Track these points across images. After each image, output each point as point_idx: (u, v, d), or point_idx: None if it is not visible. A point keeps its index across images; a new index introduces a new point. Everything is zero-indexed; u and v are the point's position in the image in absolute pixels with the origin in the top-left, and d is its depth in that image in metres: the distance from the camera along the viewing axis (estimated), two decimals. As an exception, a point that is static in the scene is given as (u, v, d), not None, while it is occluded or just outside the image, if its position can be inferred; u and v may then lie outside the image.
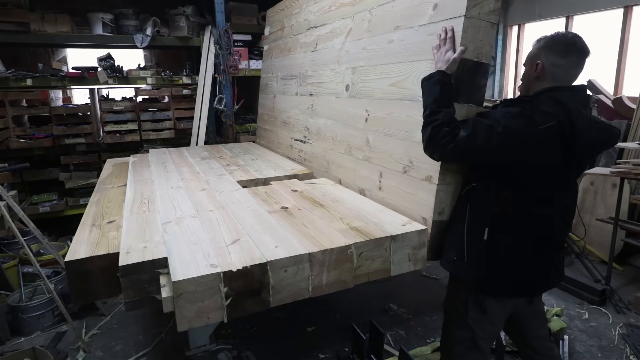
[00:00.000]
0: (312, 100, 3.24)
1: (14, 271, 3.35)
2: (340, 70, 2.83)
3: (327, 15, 3.10)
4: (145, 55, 5.77)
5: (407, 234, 1.84)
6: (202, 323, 1.50)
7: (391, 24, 2.28)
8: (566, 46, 1.60)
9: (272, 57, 4.35)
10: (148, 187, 2.68)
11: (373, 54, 2.44)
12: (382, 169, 2.29)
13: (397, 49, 2.20)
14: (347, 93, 2.71)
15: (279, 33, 4.17)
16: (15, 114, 4.26)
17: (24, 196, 4.48)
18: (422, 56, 1.99)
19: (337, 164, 2.81)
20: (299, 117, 3.46)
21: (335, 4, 2.99)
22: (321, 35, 3.17)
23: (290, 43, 3.82)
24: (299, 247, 1.67)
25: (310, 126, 3.24)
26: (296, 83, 3.58)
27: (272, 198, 2.41)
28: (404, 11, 2.18)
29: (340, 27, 2.88)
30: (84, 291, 1.75)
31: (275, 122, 4.05)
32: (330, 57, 2.99)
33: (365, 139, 2.46)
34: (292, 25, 3.80)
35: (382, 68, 2.33)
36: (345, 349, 2.76)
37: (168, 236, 1.83)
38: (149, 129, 4.72)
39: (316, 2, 3.33)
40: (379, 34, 2.40)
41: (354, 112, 2.59)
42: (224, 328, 2.94)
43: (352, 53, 2.69)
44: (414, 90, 2.02)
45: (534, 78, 1.67)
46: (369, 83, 2.46)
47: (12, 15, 4.04)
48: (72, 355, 2.78)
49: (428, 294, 3.50)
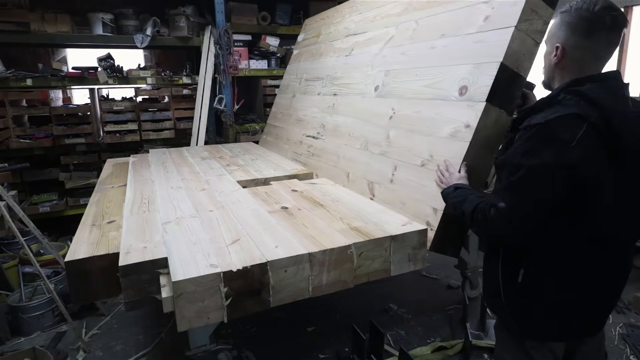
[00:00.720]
0: (334, 99, 3.30)
1: (14, 271, 3.35)
2: (372, 73, 2.88)
3: (369, 24, 3.20)
4: (145, 55, 5.77)
5: (407, 234, 1.84)
6: (202, 323, 1.50)
7: (437, 32, 2.35)
8: (590, 23, 1.28)
9: (300, 60, 4.44)
10: (148, 187, 2.68)
11: (412, 58, 2.50)
12: (398, 163, 2.30)
13: (439, 54, 2.27)
14: (375, 93, 2.76)
15: (314, 39, 4.28)
16: (15, 114, 4.26)
17: (24, 196, 4.47)
18: (464, 60, 2.05)
19: (347, 158, 2.81)
20: (316, 115, 3.50)
21: (381, 14, 3.07)
22: (359, 42, 3.26)
23: (324, 48, 3.91)
24: (299, 247, 1.67)
25: (327, 123, 3.28)
26: (321, 84, 3.64)
27: (272, 198, 2.41)
28: (453, 21, 2.25)
29: (381, 35, 2.95)
30: (84, 291, 1.75)
31: (289, 120, 4.09)
32: (364, 60, 3.06)
33: (386, 135, 2.48)
34: (330, 32, 3.91)
35: (419, 70, 2.38)
36: (346, 349, 2.76)
37: (168, 236, 1.83)
38: (149, 129, 4.71)
39: (360, 13, 3.44)
40: (422, 41, 2.46)
41: (379, 110, 2.63)
42: (224, 328, 2.94)
43: (388, 57, 2.76)
44: (447, 91, 2.09)
45: (554, 65, 1.38)
46: (401, 84, 2.51)
47: (12, 15, 4.04)
48: (72, 355, 2.78)
49: (428, 294, 3.50)
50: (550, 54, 1.39)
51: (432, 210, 1.94)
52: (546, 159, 1.23)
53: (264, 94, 5.24)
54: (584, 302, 1.42)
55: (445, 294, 3.49)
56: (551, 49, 1.40)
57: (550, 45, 1.41)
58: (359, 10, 3.49)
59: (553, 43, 1.38)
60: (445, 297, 3.43)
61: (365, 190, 2.50)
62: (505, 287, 1.47)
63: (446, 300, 3.37)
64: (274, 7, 5.19)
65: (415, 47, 2.50)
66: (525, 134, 1.30)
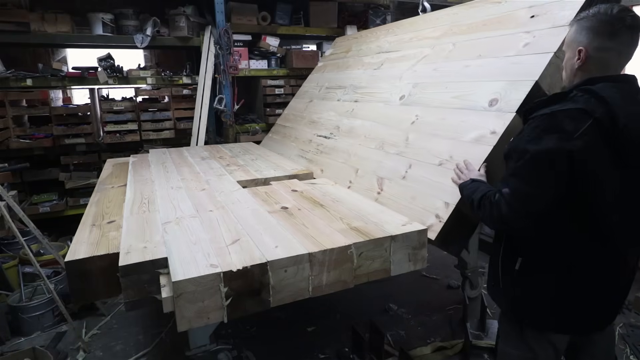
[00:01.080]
0: (354, 105, 3.34)
1: (14, 271, 3.35)
2: (399, 84, 2.92)
3: (404, 44, 3.27)
4: (145, 55, 5.77)
5: (407, 234, 1.84)
6: (202, 323, 1.50)
7: (473, 53, 2.44)
8: (612, 25, 1.32)
9: (323, 71, 4.52)
10: (148, 187, 2.68)
11: (443, 74, 2.57)
12: (413, 161, 2.31)
13: (473, 71, 2.35)
14: (399, 101, 2.80)
15: (342, 54, 4.36)
16: (15, 114, 4.26)
17: (24, 196, 4.47)
18: (498, 78, 2.13)
19: (359, 156, 2.81)
20: (332, 118, 3.52)
21: (418, 37, 3.14)
22: (390, 58, 3.31)
23: (352, 62, 3.98)
24: (299, 247, 1.67)
25: (342, 125, 3.29)
26: (342, 92, 3.68)
27: (272, 198, 2.41)
28: (491, 45, 2.34)
29: (415, 53, 3.01)
30: (84, 291, 1.75)
31: (301, 122, 4.10)
32: (392, 74, 3.11)
33: (405, 138, 2.50)
34: (361, 49, 4.01)
35: (450, 84, 2.44)
36: (345, 349, 2.76)
37: (168, 236, 1.83)
38: (149, 129, 4.71)
39: (396, 35, 3.55)
40: (457, 60, 2.54)
41: (401, 116, 2.66)
42: (224, 328, 2.94)
43: (419, 72, 2.83)
44: (477, 102, 2.15)
45: (577, 69, 1.42)
46: (429, 95, 2.56)
47: (12, 15, 4.04)
48: (72, 355, 2.78)
49: (428, 294, 3.50)
50: (572, 58, 1.43)
51: (443, 203, 1.95)
52: (548, 145, 1.29)
53: (264, 94, 5.24)
54: (581, 296, 1.44)
55: (445, 294, 3.49)
56: (572, 54, 1.43)
57: (571, 51, 1.45)
58: (395, 32, 3.58)
59: (574, 48, 1.42)
60: (445, 297, 3.43)
61: (373, 185, 2.47)
62: (504, 275, 1.53)
63: (446, 300, 3.37)
64: (274, 7, 5.19)
65: (449, 65, 2.57)
66: (533, 123, 1.37)
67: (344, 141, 3.11)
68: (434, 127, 2.34)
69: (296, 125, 4.13)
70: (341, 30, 5.65)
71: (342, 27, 5.66)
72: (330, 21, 5.55)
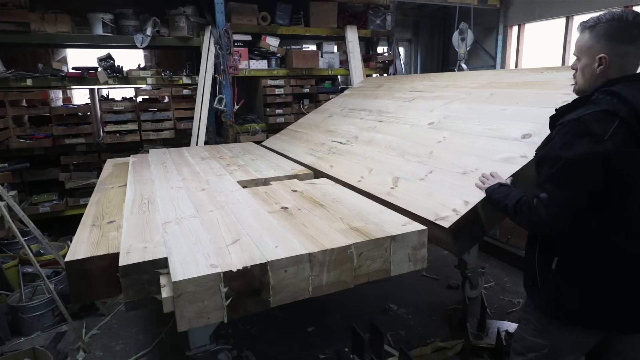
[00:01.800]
0: (377, 123, 3.32)
1: (14, 271, 3.35)
2: (430, 114, 2.93)
3: (440, 89, 3.30)
4: (145, 55, 5.77)
5: (407, 234, 1.83)
6: (202, 323, 1.50)
7: (511, 101, 2.52)
8: (631, 30, 1.39)
9: (349, 97, 4.59)
10: (148, 187, 2.68)
11: (478, 113, 2.61)
12: (435, 169, 2.30)
13: (509, 114, 2.42)
14: (428, 126, 2.80)
15: (372, 88, 4.46)
16: (16, 114, 4.26)
17: (24, 196, 4.47)
18: (534, 121, 2.18)
19: (375, 159, 2.77)
20: (351, 130, 3.48)
21: (455, 85, 3.22)
22: (423, 96, 3.34)
23: (381, 94, 4.02)
24: (299, 247, 1.67)
25: (362, 136, 3.24)
26: (367, 113, 3.68)
27: (272, 198, 2.41)
28: (529, 98, 2.45)
29: (450, 96, 3.05)
30: (84, 291, 1.75)
31: (316, 129, 4.05)
32: (424, 106, 3.13)
33: (429, 151, 2.50)
34: (393, 86, 4.11)
35: (484, 120, 2.50)
36: (345, 349, 2.76)
37: (168, 236, 1.83)
38: (149, 129, 4.71)
39: (432, 81, 3.66)
40: (493, 104, 2.62)
41: (428, 136, 2.67)
42: (224, 328, 2.94)
43: (452, 108, 2.87)
44: (510, 134, 2.22)
45: (598, 74, 1.47)
46: (460, 124, 2.59)
47: (12, 16, 4.04)
48: (72, 355, 2.78)
49: (428, 294, 3.50)
50: (591, 65, 1.48)
51: (462, 202, 1.93)
52: (581, 151, 1.35)
53: (264, 94, 5.24)
54: (614, 295, 1.47)
55: (446, 294, 3.49)
56: (591, 60, 1.48)
57: (588, 58, 1.49)
58: (431, 79, 3.64)
59: (593, 55, 1.47)
60: (445, 297, 3.43)
61: (387, 181, 2.43)
62: (542, 275, 1.57)
63: (446, 300, 3.37)
64: (274, 7, 5.19)
65: (484, 107, 2.61)
66: (562, 130, 1.43)
67: (361, 147, 3.04)
68: (461, 147, 2.34)
69: (309, 132, 4.07)
70: (341, 30, 5.66)
71: (342, 27, 5.66)
72: (330, 21, 5.56)
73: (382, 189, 2.38)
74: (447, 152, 2.40)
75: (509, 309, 3.26)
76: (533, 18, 6.90)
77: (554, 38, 6.72)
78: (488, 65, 7.65)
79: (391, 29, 6.06)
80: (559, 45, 6.62)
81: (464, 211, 1.87)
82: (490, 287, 3.58)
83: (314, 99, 5.64)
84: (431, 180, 2.22)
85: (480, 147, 2.25)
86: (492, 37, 7.49)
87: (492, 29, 7.46)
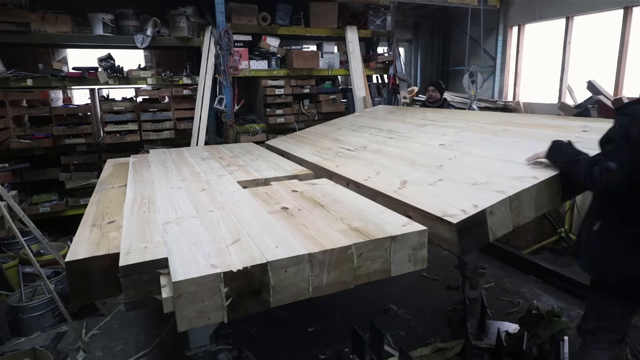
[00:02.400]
0: (387, 139, 3.35)
1: (14, 271, 3.35)
2: (441, 138, 2.99)
3: (452, 120, 3.40)
4: (145, 55, 5.78)
5: (407, 235, 1.83)
6: (203, 323, 1.50)
7: (524, 137, 2.61)
8: None
9: (359, 117, 4.66)
10: (148, 188, 2.68)
11: (491, 142, 2.69)
12: (445, 178, 2.32)
13: (522, 146, 2.49)
14: (439, 146, 2.84)
15: (384, 113, 4.59)
16: (16, 114, 4.26)
17: (24, 196, 4.48)
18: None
19: (383, 165, 2.77)
20: (360, 141, 3.49)
21: (468, 119, 3.35)
22: (435, 124, 3.41)
23: (393, 118, 4.12)
24: (299, 247, 1.67)
25: (370, 147, 3.25)
26: (377, 131, 3.71)
27: (272, 198, 2.41)
28: (542, 135, 2.54)
29: (462, 126, 3.19)
30: (84, 291, 1.75)
31: (323, 137, 4.04)
32: (435, 131, 3.19)
33: (439, 164, 2.52)
34: (405, 114, 4.20)
35: (495, 148, 2.57)
36: (346, 349, 2.76)
37: (168, 236, 1.83)
38: (149, 129, 4.72)
39: (444, 114, 3.78)
40: (506, 137, 2.71)
41: (439, 153, 2.71)
42: (224, 328, 2.94)
43: (464, 135, 2.94)
44: (522, 159, 2.28)
45: None
46: (471, 148, 2.67)
47: (12, 16, 4.04)
48: (72, 355, 2.78)
49: (428, 294, 3.50)
50: None
51: (471, 205, 1.94)
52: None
53: (264, 94, 5.24)
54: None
55: (446, 295, 3.49)
56: None
57: None
58: (444, 113, 3.75)
59: None
60: (445, 297, 3.43)
61: (394, 182, 2.43)
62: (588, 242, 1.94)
63: (446, 300, 3.37)
64: (274, 7, 5.19)
65: (497, 139, 2.70)
66: (624, 111, 1.79)
67: (369, 155, 3.05)
68: (472, 164, 2.38)
69: (316, 138, 4.06)
70: (341, 30, 5.66)
71: (343, 27, 5.67)
72: (331, 22, 5.56)
73: (389, 187, 2.38)
74: (457, 167, 2.44)
75: (509, 309, 3.26)
76: (533, 18, 6.90)
77: (554, 39, 6.72)
78: (488, 65, 7.65)
79: (391, 29, 6.06)
80: (559, 45, 6.62)
81: (473, 212, 1.89)
82: (490, 287, 3.59)
83: (314, 100, 5.64)
84: (440, 187, 2.24)
85: (491, 166, 2.31)
86: (492, 38, 7.50)
87: (492, 29, 7.47)
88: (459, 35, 8.29)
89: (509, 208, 1.97)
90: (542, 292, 3.54)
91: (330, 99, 5.64)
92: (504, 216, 1.96)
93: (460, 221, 1.85)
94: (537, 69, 7.18)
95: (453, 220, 1.86)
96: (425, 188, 2.26)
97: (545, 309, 2.95)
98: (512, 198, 1.95)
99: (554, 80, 6.78)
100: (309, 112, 5.52)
